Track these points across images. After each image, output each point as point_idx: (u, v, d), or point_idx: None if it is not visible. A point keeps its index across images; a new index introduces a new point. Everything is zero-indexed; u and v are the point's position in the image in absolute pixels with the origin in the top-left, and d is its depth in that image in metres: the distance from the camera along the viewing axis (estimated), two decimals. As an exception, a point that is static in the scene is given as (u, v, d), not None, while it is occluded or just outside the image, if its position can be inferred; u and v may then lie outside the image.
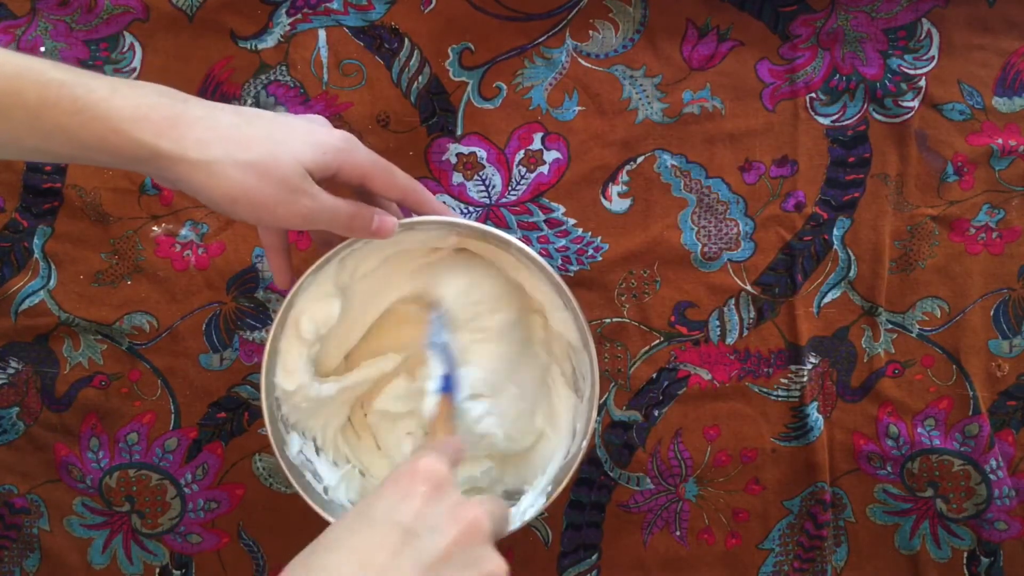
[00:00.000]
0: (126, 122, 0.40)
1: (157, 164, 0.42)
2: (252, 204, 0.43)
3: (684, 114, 0.62)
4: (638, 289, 0.62)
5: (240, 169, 0.42)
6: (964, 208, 0.62)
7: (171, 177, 0.43)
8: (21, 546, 0.63)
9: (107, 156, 0.41)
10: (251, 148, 0.43)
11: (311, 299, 0.53)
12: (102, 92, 0.40)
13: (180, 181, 0.43)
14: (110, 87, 0.41)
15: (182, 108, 0.42)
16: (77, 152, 0.41)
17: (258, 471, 0.63)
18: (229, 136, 0.43)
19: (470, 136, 0.63)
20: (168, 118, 0.41)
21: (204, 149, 0.42)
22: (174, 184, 0.44)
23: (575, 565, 0.62)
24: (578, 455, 0.53)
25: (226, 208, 0.44)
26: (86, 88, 0.40)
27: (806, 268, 0.62)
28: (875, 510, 0.62)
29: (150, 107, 0.41)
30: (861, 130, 0.62)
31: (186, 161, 0.41)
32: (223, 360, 0.62)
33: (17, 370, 0.63)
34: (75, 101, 0.40)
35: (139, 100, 0.41)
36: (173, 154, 0.41)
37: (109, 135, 0.40)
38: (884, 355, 0.62)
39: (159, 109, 0.41)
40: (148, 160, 0.41)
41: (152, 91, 0.42)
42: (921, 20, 0.62)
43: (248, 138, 0.43)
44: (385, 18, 0.63)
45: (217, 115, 0.43)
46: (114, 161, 0.42)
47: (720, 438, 0.62)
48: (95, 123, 0.40)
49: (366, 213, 0.48)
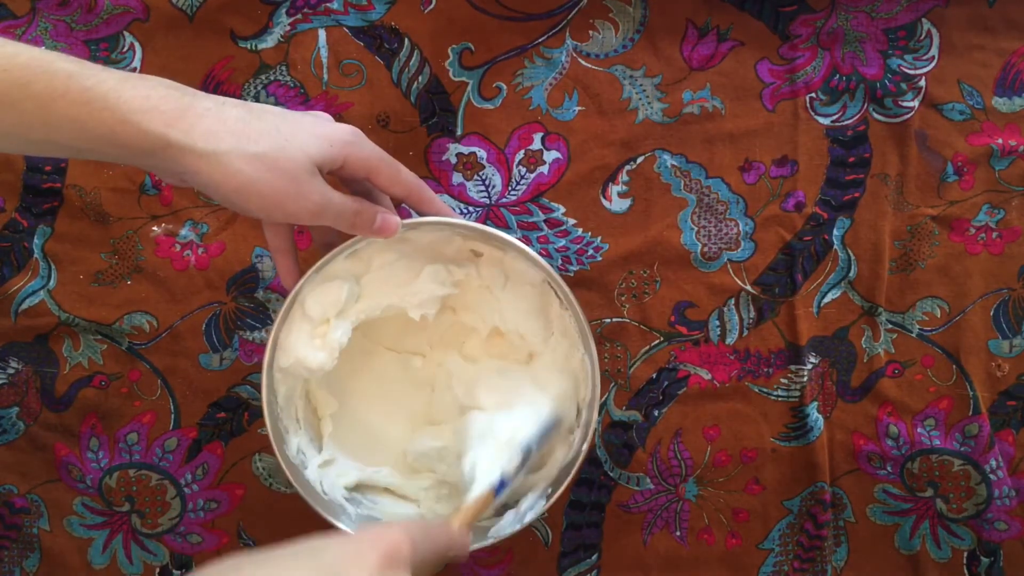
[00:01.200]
0: (136, 113, 0.40)
1: (165, 155, 0.41)
2: (260, 196, 0.43)
3: (684, 114, 0.62)
4: (638, 289, 0.62)
5: (249, 161, 0.42)
6: (964, 208, 0.62)
7: (178, 169, 0.42)
8: (21, 546, 0.63)
9: (115, 148, 0.41)
10: (260, 141, 0.43)
11: (317, 285, 0.52)
12: (111, 83, 0.40)
13: (187, 173, 0.42)
14: (119, 78, 0.41)
15: (191, 100, 0.42)
16: (85, 144, 0.41)
17: (258, 471, 0.63)
18: (238, 129, 0.43)
19: (470, 136, 0.63)
20: (177, 109, 0.41)
21: (213, 140, 0.42)
22: (181, 177, 0.44)
23: (575, 565, 0.62)
24: (578, 458, 0.53)
25: (234, 201, 0.43)
26: (96, 79, 0.40)
27: (806, 268, 0.62)
28: (875, 510, 0.62)
29: (160, 98, 0.41)
30: (861, 130, 0.62)
31: (195, 152, 0.41)
32: (223, 360, 0.62)
33: (17, 370, 0.63)
34: (84, 92, 0.40)
35: (148, 91, 0.41)
36: (183, 144, 0.41)
37: (118, 126, 0.40)
38: (884, 355, 0.62)
39: (168, 100, 0.41)
40: (157, 152, 0.41)
41: (160, 84, 0.42)
42: (921, 20, 0.62)
43: (256, 131, 0.43)
44: (385, 18, 0.63)
45: (225, 108, 0.43)
46: (121, 154, 0.42)
47: (720, 438, 0.62)
48: (104, 113, 0.40)
49: (370, 211, 0.48)
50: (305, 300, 0.52)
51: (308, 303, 0.52)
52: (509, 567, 0.62)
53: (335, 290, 0.52)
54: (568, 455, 0.54)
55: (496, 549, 0.54)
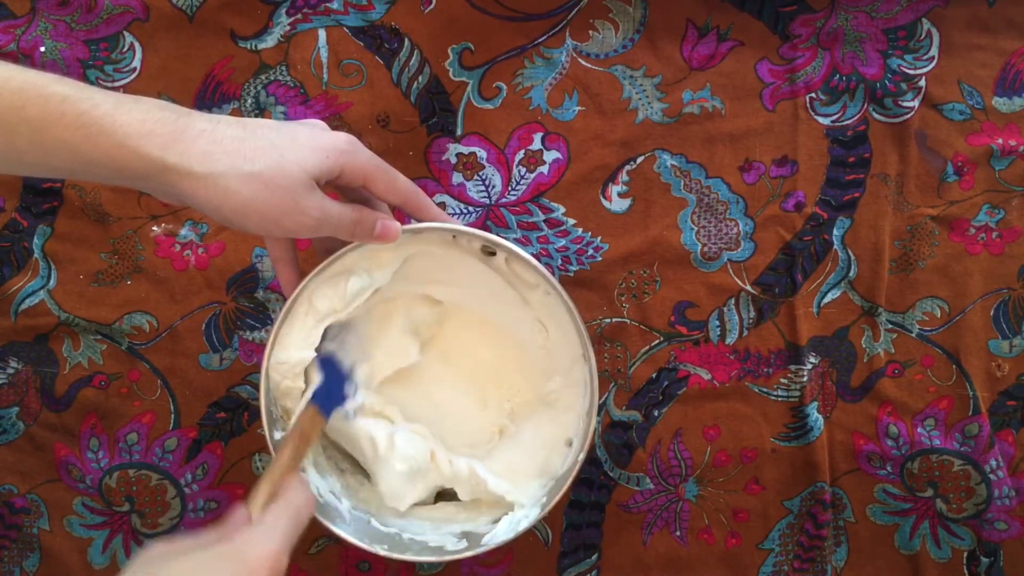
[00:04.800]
0: (132, 137, 0.40)
1: (162, 179, 0.41)
2: (259, 215, 0.43)
3: (684, 114, 0.62)
4: (638, 289, 0.62)
5: (245, 181, 0.42)
6: (964, 208, 0.62)
7: (176, 192, 0.42)
8: (21, 546, 0.63)
9: (111, 172, 0.41)
10: (256, 159, 0.43)
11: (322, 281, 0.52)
12: (106, 107, 0.40)
13: (185, 196, 0.42)
14: (114, 102, 0.41)
15: (186, 122, 0.42)
16: (80, 167, 0.41)
17: (258, 471, 0.63)
18: (233, 148, 0.43)
19: (470, 136, 0.63)
20: (173, 132, 0.41)
21: (209, 162, 0.42)
22: (179, 199, 0.44)
23: (575, 565, 0.62)
24: (575, 467, 0.53)
25: (234, 221, 0.44)
26: (91, 103, 0.40)
27: (806, 268, 0.62)
28: (875, 510, 0.62)
29: (155, 121, 0.41)
30: (861, 130, 0.62)
31: (192, 175, 0.41)
32: (223, 360, 0.62)
33: (17, 370, 0.63)
34: (79, 116, 0.39)
35: (144, 115, 0.41)
36: (179, 168, 0.41)
37: (114, 150, 0.40)
38: (884, 355, 0.62)
39: (164, 123, 0.41)
40: (153, 175, 0.41)
41: (155, 106, 0.42)
42: (921, 20, 0.62)
43: (252, 149, 0.43)
44: (385, 18, 0.63)
45: (220, 128, 0.43)
46: (117, 177, 0.42)
47: (720, 438, 0.62)
48: (100, 138, 0.40)
49: (369, 218, 0.48)
50: (312, 295, 0.52)
51: (316, 298, 0.52)
52: (509, 567, 0.62)
53: (341, 284, 0.52)
54: (565, 463, 0.55)
55: (496, 549, 0.54)
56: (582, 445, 0.53)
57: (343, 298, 0.52)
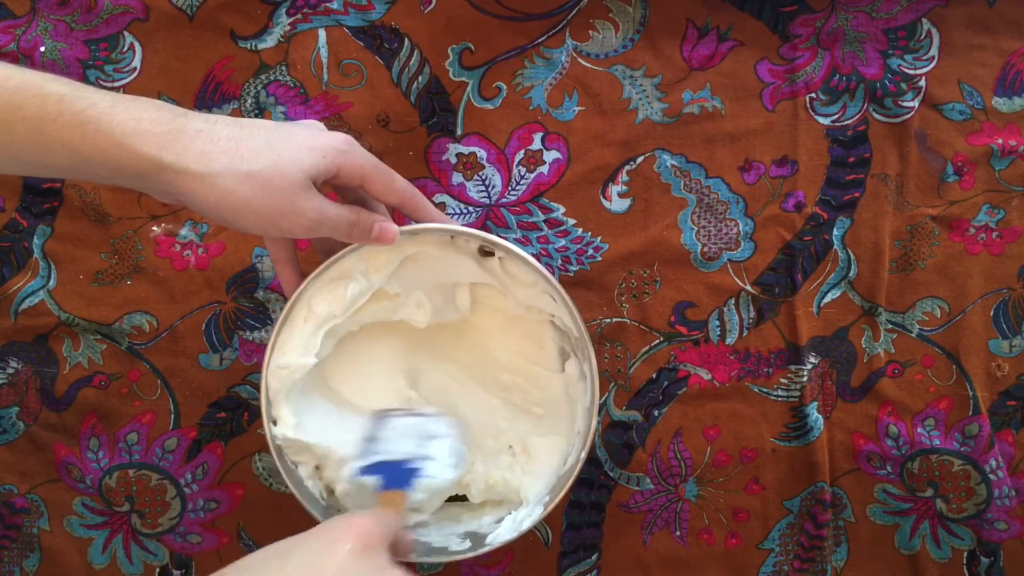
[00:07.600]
0: (129, 136, 0.40)
1: (159, 178, 0.42)
2: (256, 215, 0.43)
3: (684, 114, 0.62)
4: (638, 289, 0.62)
5: (242, 181, 0.42)
6: (964, 208, 0.62)
7: (173, 191, 0.43)
8: (21, 546, 0.63)
9: (108, 170, 0.41)
10: (253, 159, 0.43)
11: (320, 286, 0.52)
12: (104, 106, 0.40)
13: (183, 195, 0.43)
14: (112, 101, 0.41)
15: (183, 122, 0.42)
16: (77, 166, 0.41)
17: (258, 471, 0.63)
18: (230, 148, 0.43)
19: (470, 136, 0.63)
20: (170, 131, 0.41)
21: (206, 161, 0.42)
22: (176, 198, 0.44)
23: (575, 565, 0.62)
24: (576, 466, 0.53)
25: (231, 220, 0.44)
26: (88, 102, 0.40)
27: (806, 268, 0.62)
28: (875, 510, 0.62)
29: (152, 121, 0.41)
30: (861, 130, 0.62)
31: (189, 174, 0.41)
32: (223, 360, 0.62)
33: (17, 370, 0.63)
34: (77, 115, 0.40)
35: (141, 114, 0.41)
36: (176, 167, 0.41)
37: (112, 149, 0.40)
38: (884, 355, 0.62)
39: (161, 123, 0.41)
40: (151, 174, 0.41)
41: (152, 105, 0.42)
42: (921, 20, 0.62)
43: (249, 149, 0.43)
44: (385, 18, 0.63)
45: (217, 128, 0.43)
46: (114, 176, 0.42)
47: (720, 438, 0.62)
48: (98, 137, 0.40)
49: (367, 220, 0.48)
50: (312, 299, 0.52)
51: (315, 302, 0.52)
52: (509, 567, 0.62)
53: (341, 288, 0.52)
54: (567, 463, 0.55)
55: (496, 550, 0.54)
56: (583, 445, 0.53)
57: (342, 302, 0.52)
